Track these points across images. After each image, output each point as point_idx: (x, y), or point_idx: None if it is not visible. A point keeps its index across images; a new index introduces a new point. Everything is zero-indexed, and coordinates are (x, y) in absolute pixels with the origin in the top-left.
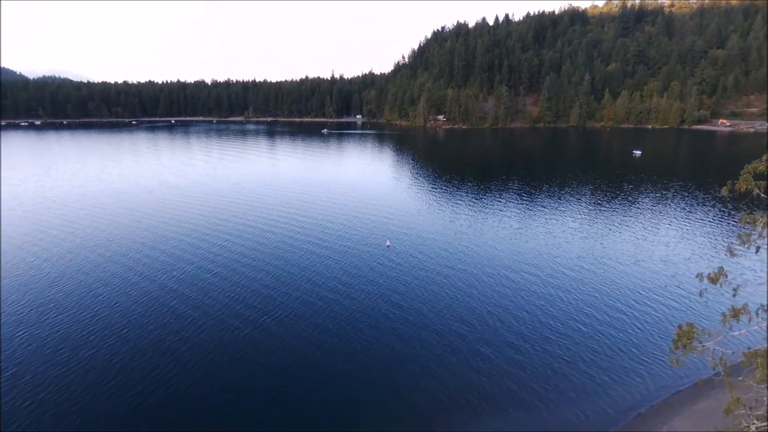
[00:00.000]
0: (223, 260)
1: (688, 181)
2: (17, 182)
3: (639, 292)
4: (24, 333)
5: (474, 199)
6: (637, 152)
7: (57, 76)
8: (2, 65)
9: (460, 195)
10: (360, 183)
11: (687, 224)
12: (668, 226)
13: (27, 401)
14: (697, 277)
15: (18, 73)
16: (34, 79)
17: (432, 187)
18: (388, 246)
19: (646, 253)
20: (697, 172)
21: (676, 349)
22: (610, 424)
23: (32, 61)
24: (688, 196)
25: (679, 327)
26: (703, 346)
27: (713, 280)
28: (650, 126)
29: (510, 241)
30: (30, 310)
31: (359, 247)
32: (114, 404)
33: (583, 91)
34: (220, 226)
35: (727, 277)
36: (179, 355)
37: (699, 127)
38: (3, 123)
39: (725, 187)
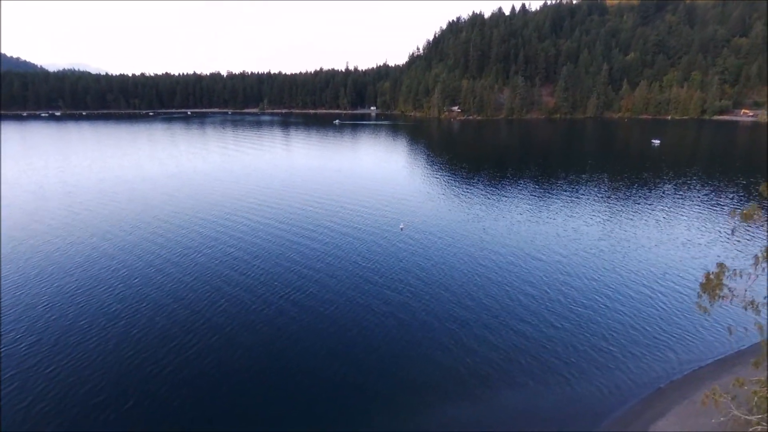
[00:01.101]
0: (241, 242)
1: (710, 170)
2: (39, 167)
3: (661, 272)
4: (30, 320)
5: (489, 186)
6: (656, 142)
7: (77, 69)
8: (23, 59)
9: (475, 182)
10: (373, 171)
11: (709, 210)
12: (689, 212)
13: (37, 393)
14: (729, 214)
15: (39, 66)
16: (54, 71)
17: (445, 175)
18: (401, 229)
19: (668, 236)
20: (718, 161)
21: (704, 293)
22: (628, 398)
23: (54, 56)
24: (710, 184)
25: (707, 273)
26: (733, 294)
27: (746, 217)
28: (669, 117)
29: (527, 224)
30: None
31: (373, 230)
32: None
33: (600, 82)
34: (240, 209)
35: (759, 215)
36: (201, 333)
37: (720, 117)
38: (24, 114)
39: (764, 185)
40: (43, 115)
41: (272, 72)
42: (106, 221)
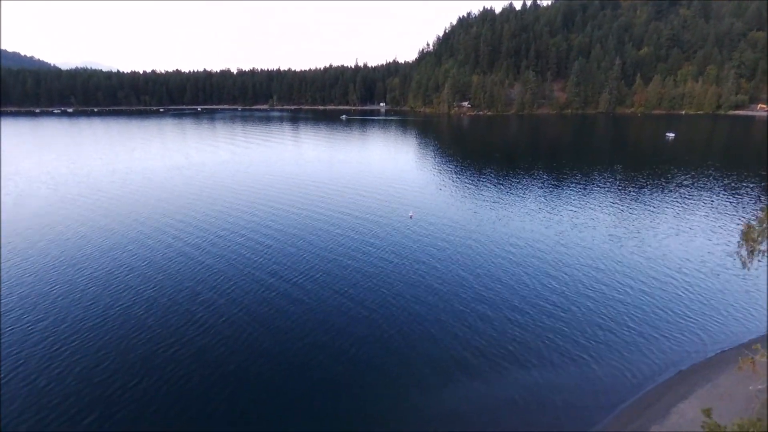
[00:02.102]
0: (255, 229)
1: (727, 163)
2: (51, 159)
3: (682, 259)
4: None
5: (501, 177)
6: (671, 135)
7: (89, 67)
8: (37, 58)
9: (486, 173)
10: (380, 165)
11: (728, 202)
12: (707, 202)
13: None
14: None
15: (53, 65)
16: (67, 69)
17: (454, 167)
18: (411, 217)
19: (687, 224)
20: (735, 155)
21: (744, 243)
22: (648, 381)
23: (67, 55)
24: (727, 176)
25: (747, 223)
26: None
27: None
28: (684, 112)
29: (541, 213)
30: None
31: (383, 219)
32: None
33: (613, 77)
34: (252, 198)
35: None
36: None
37: (736, 112)
38: (37, 110)
39: None
40: (55, 111)
41: (282, 69)
42: (122, 212)
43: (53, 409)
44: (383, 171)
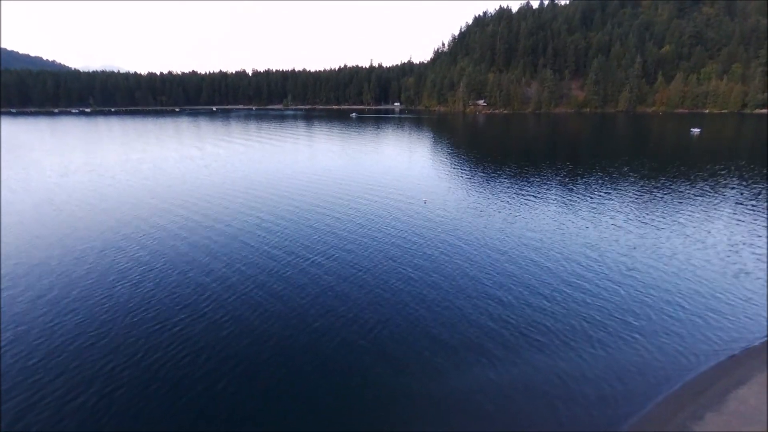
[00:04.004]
0: (271, 214)
1: (756, 160)
2: (68, 151)
3: (731, 244)
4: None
5: (514, 174)
6: (696, 130)
7: (108, 70)
8: (58, 62)
9: (502, 167)
10: (394, 160)
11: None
12: (739, 202)
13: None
14: None
15: (73, 68)
16: (85, 71)
17: (468, 161)
18: (425, 203)
19: (716, 213)
20: (761, 154)
21: None
22: (700, 364)
23: (86, 59)
24: (759, 173)
25: None
26: None
27: None
28: (707, 110)
29: (558, 205)
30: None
31: (399, 204)
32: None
33: (633, 75)
34: (268, 186)
35: None
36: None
37: (762, 111)
38: (56, 111)
39: None
40: (73, 111)
41: (296, 69)
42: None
43: (53, 373)
44: (395, 164)
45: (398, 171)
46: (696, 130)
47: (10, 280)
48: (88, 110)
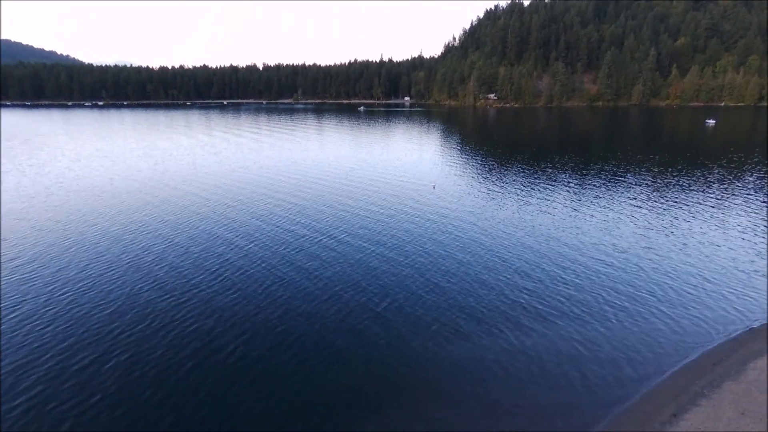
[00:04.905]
0: (281, 197)
1: None
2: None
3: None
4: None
5: (526, 161)
6: (711, 122)
7: (121, 65)
8: (72, 56)
9: (511, 159)
10: (401, 149)
11: None
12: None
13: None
14: None
15: (87, 63)
16: (98, 65)
17: (477, 151)
18: (433, 188)
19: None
20: None
21: None
22: (718, 336)
23: (100, 54)
24: None
25: None
26: None
27: None
28: (723, 103)
29: (569, 190)
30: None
31: (407, 191)
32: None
33: (647, 67)
34: (281, 174)
35: None
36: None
37: None
38: (69, 103)
39: None
40: (86, 104)
41: (307, 64)
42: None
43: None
44: (404, 154)
45: (409, 160)
46: (711, 121)
47: (24, 260)
48: (100, 103)
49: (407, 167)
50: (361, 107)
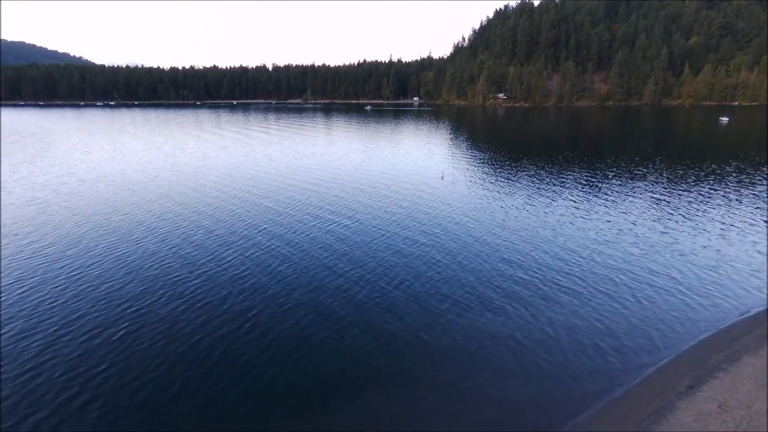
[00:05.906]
0: (289, 188)
1: None
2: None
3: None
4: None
5: (535, 158)
6: (724, 119)
7: (132, 66)
8: (85, 58)
9: (521, 157)
10: (410, 145)
11: None
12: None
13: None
14: None
15: (98, 64)
16: (110, 66)
17: (486, 148)
18: (442, 178)
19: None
20: None
21: None
22: (735, 314)
23: (112, 56)
24: None
25: None
26: None
27: None
28: (737, 102)
29: (580, 183)
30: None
31: (417, 180)
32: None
33: (659, 67)
34: (292, 167)
35: None
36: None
37: None
38: (81, 103)
39: None
40: (98, 104)
41: (316, 64)
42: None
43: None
44: (413, 150)
45: (416, 156)
46: (725, 119)
47: (36, 248)
48: (112, 103)
49: (416, 161)
50: (368, 106)
